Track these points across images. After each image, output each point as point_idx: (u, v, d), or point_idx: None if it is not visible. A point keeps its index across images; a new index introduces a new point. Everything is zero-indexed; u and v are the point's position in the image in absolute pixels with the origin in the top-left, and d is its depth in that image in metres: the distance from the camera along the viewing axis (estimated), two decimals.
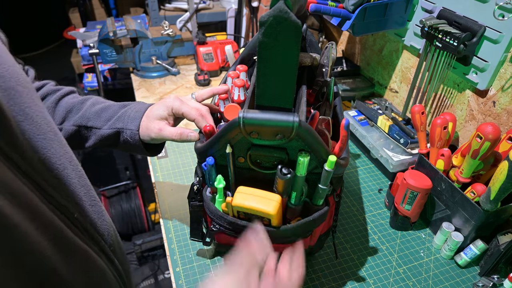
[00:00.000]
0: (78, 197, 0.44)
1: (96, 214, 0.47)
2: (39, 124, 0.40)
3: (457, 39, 0.77)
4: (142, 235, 1.87)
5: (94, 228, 0.45)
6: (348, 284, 0.72)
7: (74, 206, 0.42)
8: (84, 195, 0.45)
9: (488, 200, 0.67)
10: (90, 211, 0.46)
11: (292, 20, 0.43)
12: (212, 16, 1.64)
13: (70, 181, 0.43)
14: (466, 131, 0.87)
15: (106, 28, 1.33)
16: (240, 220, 0.58)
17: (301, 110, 0.62)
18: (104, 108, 0.67)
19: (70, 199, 0.42)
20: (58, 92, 0.69)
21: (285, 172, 0.53)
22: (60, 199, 0.40)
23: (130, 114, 0.66)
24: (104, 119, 0.66)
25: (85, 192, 0.46)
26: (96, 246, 0.45)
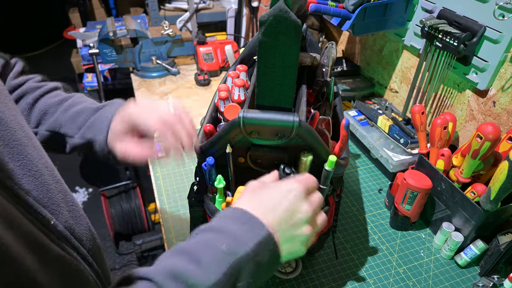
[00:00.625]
0: (55, 203, 0.43)
1: (74, 219, 0.46)
2: (14, 130, 0.39)
3: (457, 39, 0.77)
4: (142, 235, 1.87)
5: (72, 234, 0.44)
6: (348, 284, 0.72)
7: (51, 213, 0.41)
8: (61, 201, 0.44)
9: (488, 200, 0.67)
10: (68, 217, 0.45)
11: (292, 20, 0.43)
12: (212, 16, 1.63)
13: (48, 187, 0.42)
14: (466, 131, 0.87)
15: (106, 28, 1.33)
16: None
17: (301, 110, 0.62)
18: (78, 113, 0.60)
19: (47, 206, 0.41)
20: (38, 90, 0.62)
21: (288, 171, 0.52)
22: (37, 206, 0.39)
23: (98, 123, 0.58)
24: (76, 126, 0.59)
25: (63, 198, 0.45)
26: (74, 252, 0.44)
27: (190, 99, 1.31)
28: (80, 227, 0.47)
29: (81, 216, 0.48)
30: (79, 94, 0.64)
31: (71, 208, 0.46)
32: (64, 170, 2.46)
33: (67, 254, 0.42)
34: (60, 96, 0.62)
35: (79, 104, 0.61)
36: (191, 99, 1.31)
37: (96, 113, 0.60)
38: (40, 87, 0.62)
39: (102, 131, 0.57)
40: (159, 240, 1.81)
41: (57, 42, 4.07)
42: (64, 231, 0.43)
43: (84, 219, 0.49)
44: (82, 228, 0.47)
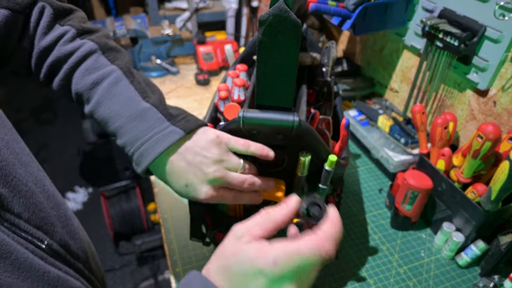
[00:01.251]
0: (49, 222, 0.41)
1: (69, 234, 0.45)
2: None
3: (457, 38, 0.76)
4: (142, 235, 1.87)
5: (67, 251, 0.43)
6: (349, 284, 0.72)
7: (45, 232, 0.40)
8: (55, 217, 0.43)
9: (489, 200, 0.67)
10: (63, 233, 0.43)
11: (292, 19, 0.43)
12: (212, 16, 1.63)
13: (40, 206, 0.40)
14: (467, 131, 0.87)
15: (105, 28, 1.33)
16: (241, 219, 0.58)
17: (301, 110, 0.62)
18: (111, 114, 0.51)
19: (41, 226, 0.40)
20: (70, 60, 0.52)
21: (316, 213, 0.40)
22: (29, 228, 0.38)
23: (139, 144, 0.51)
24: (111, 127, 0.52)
25: (56, 214, 0.43)
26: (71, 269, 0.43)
27: (190, 98, 1.31)
28: (76, 241, 0.46)
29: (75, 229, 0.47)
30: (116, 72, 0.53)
31: (65, 223, 0.45)
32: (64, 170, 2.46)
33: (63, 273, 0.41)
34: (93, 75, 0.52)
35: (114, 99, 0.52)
36: (191, 98, 1.31)
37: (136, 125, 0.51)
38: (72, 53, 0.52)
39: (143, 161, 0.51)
40: (159, 240, 1.81)
41: None
42: (59, 249, 0.42)
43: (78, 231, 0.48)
44: (77, 242, 0.46)
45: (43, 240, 0.40)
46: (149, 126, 0.50)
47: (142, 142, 0.50)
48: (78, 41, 0.53)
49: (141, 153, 0.50)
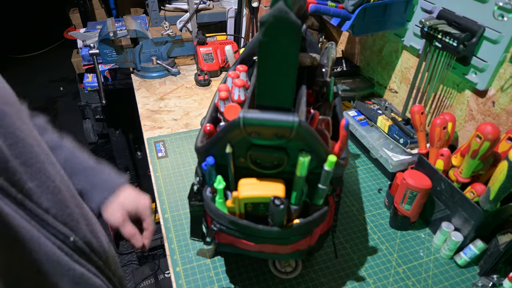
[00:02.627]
0: (74, 219, 0.43)
1: (92, 233, 0.47)
2: (31, 146, 0.39)
3: (456, 39, 0.77)
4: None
5: (90, 249, 0.45)
6: (348, 283, 0.73)
7: (71, 229, 0.42)
8: (79, 216, 0.44)
9: (488, 200, 0.67)
10: (86, 231, 0.45)
11: (292, 20, 0.44)
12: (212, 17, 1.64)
13: (66, 204, 0.42)
14: (466, 131, 0.87)
15: (106, 29, 1.34)
16: (241, 219, 0.58)
17: (301, 110, 0.62)
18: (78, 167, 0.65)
19: (67, 223, 0.41)
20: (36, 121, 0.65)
21: (278, 203, 0.53)
22: (57, 224, 0.40)
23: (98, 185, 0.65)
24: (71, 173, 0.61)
25: (79, 212, 0.45)
26: (93, 266, 0.44)
27: (190, 99, 1.31)
28: (98, 239, 0.48)
29: (97, 228, 0.49)
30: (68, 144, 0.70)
31: (88, 222, 0.46)
32: None
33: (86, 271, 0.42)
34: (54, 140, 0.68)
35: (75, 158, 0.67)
36: (191, 99, 1.31)
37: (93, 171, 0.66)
38: None
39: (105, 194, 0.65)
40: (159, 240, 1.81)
41: (57, 43, 4.07)
42: (83, 246, 0.43)
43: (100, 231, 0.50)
44: (99, 241, 0.48)
45: (69, 237, 0.41)
46: None
47: None
48: None
49: None
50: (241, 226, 0.58)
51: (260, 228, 0.57)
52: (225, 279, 0.72)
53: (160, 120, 1.19)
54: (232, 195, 0.57)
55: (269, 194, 0.55)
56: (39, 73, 3.70)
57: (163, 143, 1.09)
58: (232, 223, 0.59)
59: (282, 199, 0.53)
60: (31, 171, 0.38)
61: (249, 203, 0.57)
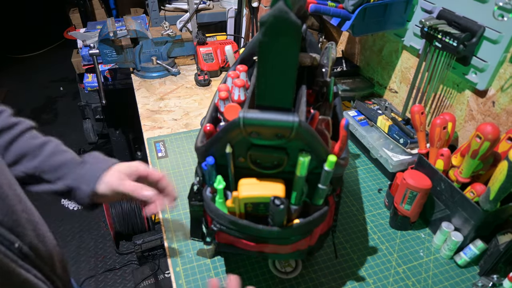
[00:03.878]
0: (20, 225, 0.43)
1: (38, 238, 0.46)
2: None
3: (456, 39, 0.77)
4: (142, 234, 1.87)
5: (36, 254, 0.44)
6: (348, 283, 0.73)
7: (16, 235, 0.41)
8: (26, 221, 0.44)
9: (488, 200, 0.67)
10: (32, 237, 0.45)
11: (292, 20, 0.44)
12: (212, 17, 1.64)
13: (12, 209, 0.42)
14: (466, 131, 0.87)
15: (106, 29, 1.34)
16: (241, 219, 0.58)
17: (301, 110, 0.62)
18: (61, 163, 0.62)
19: (12, 228, 0.41)
20: (15, 128, 0.61)
21: (278, 203, 0.53)
22: (3, 231, 0.39)
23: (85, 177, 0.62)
24: (58, 175, 0.61)
25: (27, 218, 0.45)
26: (39, 272, 0.44)
27: (190, 99, 1.31)
28: (45, 246, 0.47)
29: (44, 233, 0.48)
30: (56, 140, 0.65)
31: (34, 227, 0.46)
32: None
33: (31, 276, 0.42)
34: (39, 139, 0.63)
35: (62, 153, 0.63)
36: (191, 99, 1.31)
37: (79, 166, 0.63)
38: (15, 124, 0.62)
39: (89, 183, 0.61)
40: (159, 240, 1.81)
41: (57, 43, 4.08)
42: (29, 252, 0.43)
43: (47, 236, 0.49)
44: (46, 246, 0.47)
45: (14, 243, 0.41)
46: None
47: None
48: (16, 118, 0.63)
49: None
50: (241, 226, 0.58)
51: (260, 228, 0.57)
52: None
53: (160, 120, 1.19)
54: (232, 195, 0.57)
55: (269, 194, 0.55)
56: (39, 73, 3.70)
57: (163, 143, 1.09)
58: (232, 223, 0.59)
59: (282, 199, 0.53)
60: None
61: (249, 203, 0.57)
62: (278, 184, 0.56)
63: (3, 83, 3.48)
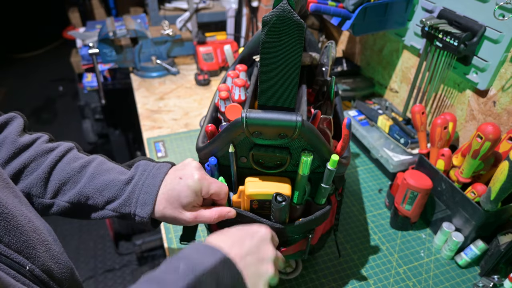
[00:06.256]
0: (30, 246, 0.40)
1: (52, 259, 0.44)
2: None
3: (457, 39, 0.77)
4: (142, 235, 1.87)
5: (50, 276, 0.42)
6: (349, 284, 0.72)
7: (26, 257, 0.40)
8: (37, 241, 0.42)
9: (489, 200, 0.67)
10: (45, 258, 0.42)
11: (296, 20, 0.43)
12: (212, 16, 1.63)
13: (21, 230, 0.40)
14: (467, 131, 0.87)
15: (106, 28, 1.33)
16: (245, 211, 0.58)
17: (302, 110, 0.62)
18: (107, 184, 0.55)
19: (22, 250, 0.39)
20: (52, 154, 0.55)
21: (280, 200, 0.54)
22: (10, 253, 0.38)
23: (139, 197, 0.54)
24: (106, 199, 0.55)
25: (37, 237, 0.42)
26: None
27: (190, 99, 1.31)
28: (59, 266, 0.45)
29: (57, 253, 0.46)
30: (99, 157, 0.59)
31: (47, 247, 0.44)
32: None
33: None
34: (79, 161, 0.56)
35: (105, 173, 0.56)
36: (191, 99, 1.31)
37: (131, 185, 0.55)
38: (52, 149, 0.56)
39: (146, 206, 0.54)
40: (159, 240, 1.81)
41: (57, 42, 4.07)
42: (41, 275, 0.41)
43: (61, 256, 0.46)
44: (60, 267, 0.45)
45: (25, 266, 0.39)
46: None
47: None
48: (54, 143, 0.58)
49: None
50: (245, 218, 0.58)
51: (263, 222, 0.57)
52: None
53: (160, 120, 1.19)
54: (238, 189, 0.57)
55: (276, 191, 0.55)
56: (39, 73, 3.70)
57: (163, 143, 1.08)
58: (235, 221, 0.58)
59: (285, 196, 0.53)
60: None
61: (255, 201, 0.57)
62: (285, 183, 0.56)
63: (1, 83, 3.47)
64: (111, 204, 0.55)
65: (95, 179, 0.55)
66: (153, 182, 0.55)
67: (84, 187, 0.54)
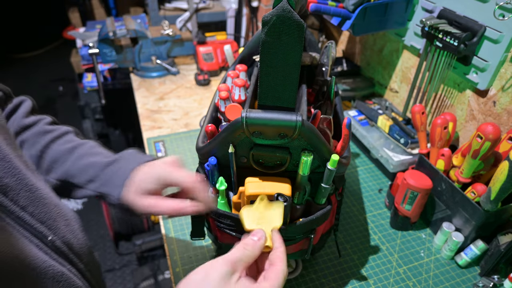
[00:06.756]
0: (52, 218, 0.42)
1: (71, 233, 0.45)
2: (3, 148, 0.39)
3: (457, 39, 0.77)
4: (142, 235, 1.87)
5: (69, 249, 0.44)
6: (349, 284, 0.72)
7: (48, 228, 0.41)
8: (57, 215, 0.43)
9: (489, 200, 0.67)
10: (65, 231, 0.44)
11: (296, 20, 0.43)
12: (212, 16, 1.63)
13: (43, 202, 0.41)
14: (467, 131, 0.87)
15: (106, 28, 1.33)
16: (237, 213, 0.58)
17: (302, 110, 0.62)
18: (90, 165, 0.58)
19: (44, 221, 0.41)
20: (49, 135, 0.59)
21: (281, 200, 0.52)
22: (34, 222, 0.39)
23: (114, 179, 0.56)
24: (88, 178, 0.57)
25: (58, 211, 0.44)
26: (73, 267, 0.43)
27: (190, 99, 1.31)
28: (78, 241, 0.46)
29: (77, 230, 0.47)
30: (92, 142, 0.62)
31: (67, 222, 0.45)
32: None
33: (66, 271, 0.41)
34: (72, 143, 0.60)
35: (92, 155, 0.59)
36: (191, 99, 1.31)
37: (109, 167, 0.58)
38: (51, 131, 0.60)
39: (118, 187, 0.56)
40: (159, 240, 1.81)
41: (57, 42, 4.07)
42: (62, 246, 0.42)
43: (80, 233, 0.48)
44: (79, 242, 0.46)
45: (47, 236, 0.40)
46: None
47: None
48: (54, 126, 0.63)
49: None
50: None
51: None
52: None
53: (160, 120, 1.19)
54: (238, 190, 0.57)
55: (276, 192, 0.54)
56: (39, 73, 3.70)
57: (163, 143, 1.08)
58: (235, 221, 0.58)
59: (286, 196, 0.53)
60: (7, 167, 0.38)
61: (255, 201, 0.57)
62: (285, 183, 0.56)
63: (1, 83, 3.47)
64: (92, 183, 0.57)
65: (82, 160, 0.58)
66: (128, 166, 0.57)
67: (71, 166, 0.57)
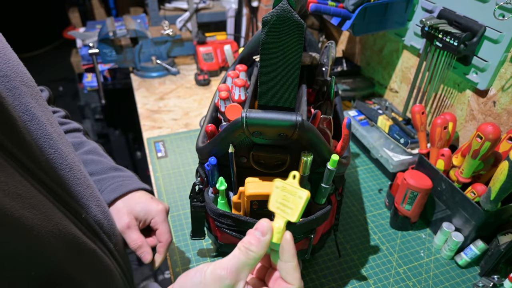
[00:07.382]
0: (84, 197, 0.44)
1: (102, 214, 0.47)
2: (44, 125, 0.40)
3: (457, 39, 0.77)
4: None
5: (100, 228, 0.46)
6: (349, 284, 0.72)
7: (81, 207, 0.43)
8: (90, 196, 0.45)
9: (489, 200, 0.67)
10: (96, 211, 0.46)
11: (296, 20, 0.43)
12: (212, 16, 1.63)
13: (77, 182, 0.43)
14: (466, 131, 0.87)
15: (106, 28, 1.33)
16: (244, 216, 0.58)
17: (302, 110, 0.62)
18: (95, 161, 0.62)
19: (77, 200, 0.42)
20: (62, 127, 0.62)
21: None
22: (69, 199, 0.40)
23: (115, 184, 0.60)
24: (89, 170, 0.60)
25: (90, 193, 0.46)
26: (103, 246, 0.45)
27: (190, 99, 1.31)
28: (108, 222, 0.48)
29: (107, 211, 0.50)
30: (99, 146, 0.67)
31: (98, 203, 0.47)
32: None
33: (98, 248, 0.43)
34: (80, 139, 0.64)
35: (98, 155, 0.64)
36: (191, 99, 1.31)
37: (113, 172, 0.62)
38: (63, 123, 0.65)
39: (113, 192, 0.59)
40: None
41: (57, 42, 4.07)
42: (94, 225, 0.44)
43: (110, 214, 0.50)
44: (109, 223, 0.49)
45: (80, 213, 0.42)
46: None
47: None
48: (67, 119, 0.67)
49: None
50: (244, 224, 0.58)
51: None
52: None
53: (160, 120, 1.19)
54: (238, 190, 0.57)
55: None
56: (39, 73, 3.69)
57: (163, 143, 1.08)
58: (235, 221, 0.58)
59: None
60: (44, 146, 0.39)
61: (255, 201, 0.57)
62: None
63: None
64: (92, 176, 0.59)
65: (88, 155, 0.61)
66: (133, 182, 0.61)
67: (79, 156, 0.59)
